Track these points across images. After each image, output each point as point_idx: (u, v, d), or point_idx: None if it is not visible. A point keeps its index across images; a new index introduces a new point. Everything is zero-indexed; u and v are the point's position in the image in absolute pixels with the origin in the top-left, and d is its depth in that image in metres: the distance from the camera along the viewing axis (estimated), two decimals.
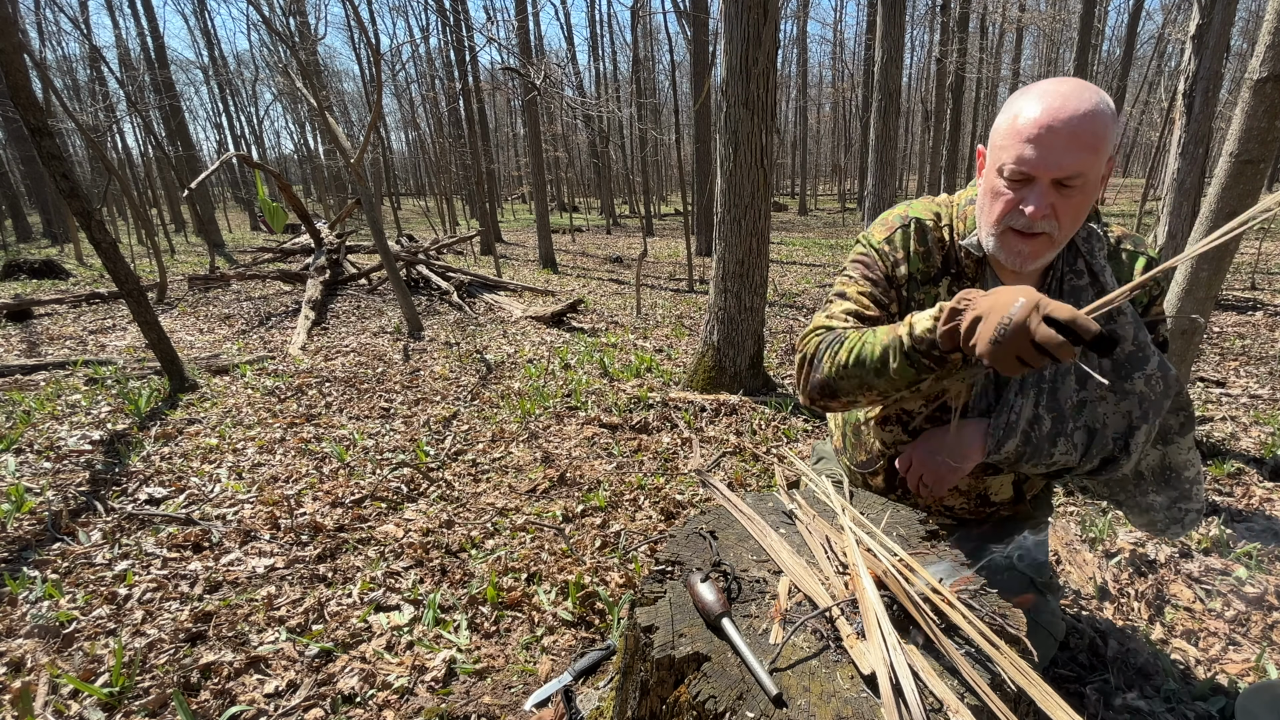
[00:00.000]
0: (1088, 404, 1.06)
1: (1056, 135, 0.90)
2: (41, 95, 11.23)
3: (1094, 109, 0.90)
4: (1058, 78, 0.96)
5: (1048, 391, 1.07)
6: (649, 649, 0.77)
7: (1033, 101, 0.93)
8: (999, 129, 0.98)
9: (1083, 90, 0.92)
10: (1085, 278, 1.05)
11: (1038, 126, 0.91)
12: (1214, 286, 2.53)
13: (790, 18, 25.61)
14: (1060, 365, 1.02)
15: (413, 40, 24.51)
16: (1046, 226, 0.95)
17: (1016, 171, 0.94)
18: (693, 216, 11.92)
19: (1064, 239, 0.98)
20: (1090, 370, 0.82)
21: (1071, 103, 0.90)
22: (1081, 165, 0.91)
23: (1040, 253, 0.98)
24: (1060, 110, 0.90)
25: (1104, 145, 0.91)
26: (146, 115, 14.05)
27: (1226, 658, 1.68)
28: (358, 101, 35.72)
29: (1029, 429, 1.06)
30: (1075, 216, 0.96)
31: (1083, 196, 0.94)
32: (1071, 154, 0.90)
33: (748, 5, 3.28)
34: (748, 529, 1.00)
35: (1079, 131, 0.90)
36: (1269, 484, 2.54)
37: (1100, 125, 0.90)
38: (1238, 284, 6.83)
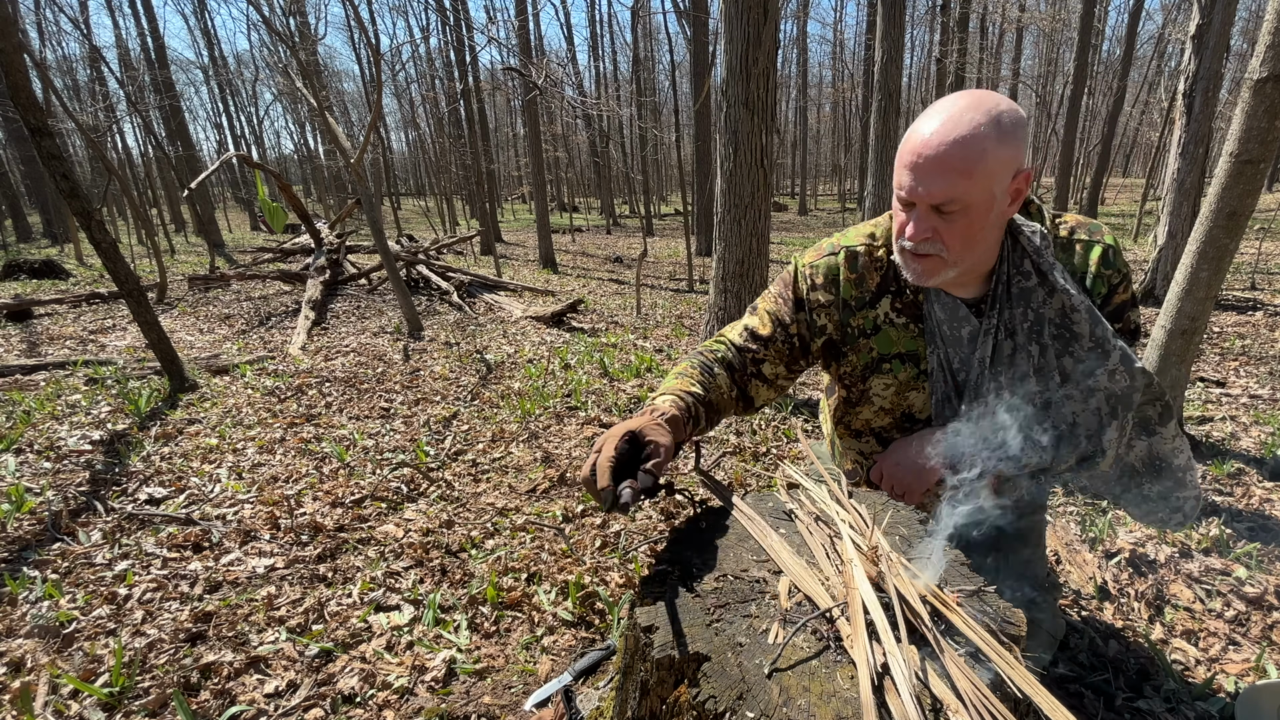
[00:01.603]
0: (1051, 405, 1.05)
1: (925, 163, 0.91)
2: (41, 95, 11.23)
3: (968, 134, 0.89)
4: (956, 94, 0.95)
5: (1008, 394, 1.06)
6: (649, 649, 0.77)
7: (918, 124, 0.94)
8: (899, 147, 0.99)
9: (965, 112, 0.91)
10: (1034, 278, 1.03)
11: (911, 154, 0.93)
12: (1214, 286, 2.53)
13: (790, 18, 25.62)
14: (1016, 370, 1.04)
15: (413, 40, 24.51)
16: (930, 249, 0.97)
17: (900, 196, 0.97)
18: (693, 216, 11.93)
19: (959, 260, 0.98)
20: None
21: (944, 128, 0.90)
22: (953, 192, 0.91)
23: (935, 270, 1.00)
24: (932, 138, 0.91)
25: (980, 169, 0.90)
26: (146, 115, 14.05)
27: (1226, 658, 1.68)
28: (358, 101, 35.73)
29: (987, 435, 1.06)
30: (966, 239, 0.96)
31: (967, 220, 0.94)
32: (940, 181, 0.91)
33: (748, 5, 3.28)
34: (748, 529, 1.00)
35: (946, 158, 0.90)
36: (1269, 484, 2.54)
37: (973, 150, 0.89)
38: (1238, 284, 6.83)
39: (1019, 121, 0.92)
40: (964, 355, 1.09)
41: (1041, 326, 1.04)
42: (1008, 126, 0.91)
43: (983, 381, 1.06)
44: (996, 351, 1.06)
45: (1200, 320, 2.59)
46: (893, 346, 1.13)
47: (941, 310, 1.08)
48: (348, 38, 34.39)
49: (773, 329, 1.20)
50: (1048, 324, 1.04)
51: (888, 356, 1.14)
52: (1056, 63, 27.26)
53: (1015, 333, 1.05)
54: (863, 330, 1.15)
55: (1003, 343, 1.06)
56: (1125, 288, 1.07)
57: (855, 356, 1.17)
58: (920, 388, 1.14)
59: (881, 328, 1.14)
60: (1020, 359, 1.05)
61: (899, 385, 1.15)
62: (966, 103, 0.92)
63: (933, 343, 1.10)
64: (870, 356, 1.15)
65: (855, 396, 1.22)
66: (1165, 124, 13.17)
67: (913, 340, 1.12)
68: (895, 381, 1.15)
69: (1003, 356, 1.06)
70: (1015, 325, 1.05)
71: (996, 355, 1.06)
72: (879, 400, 1.18)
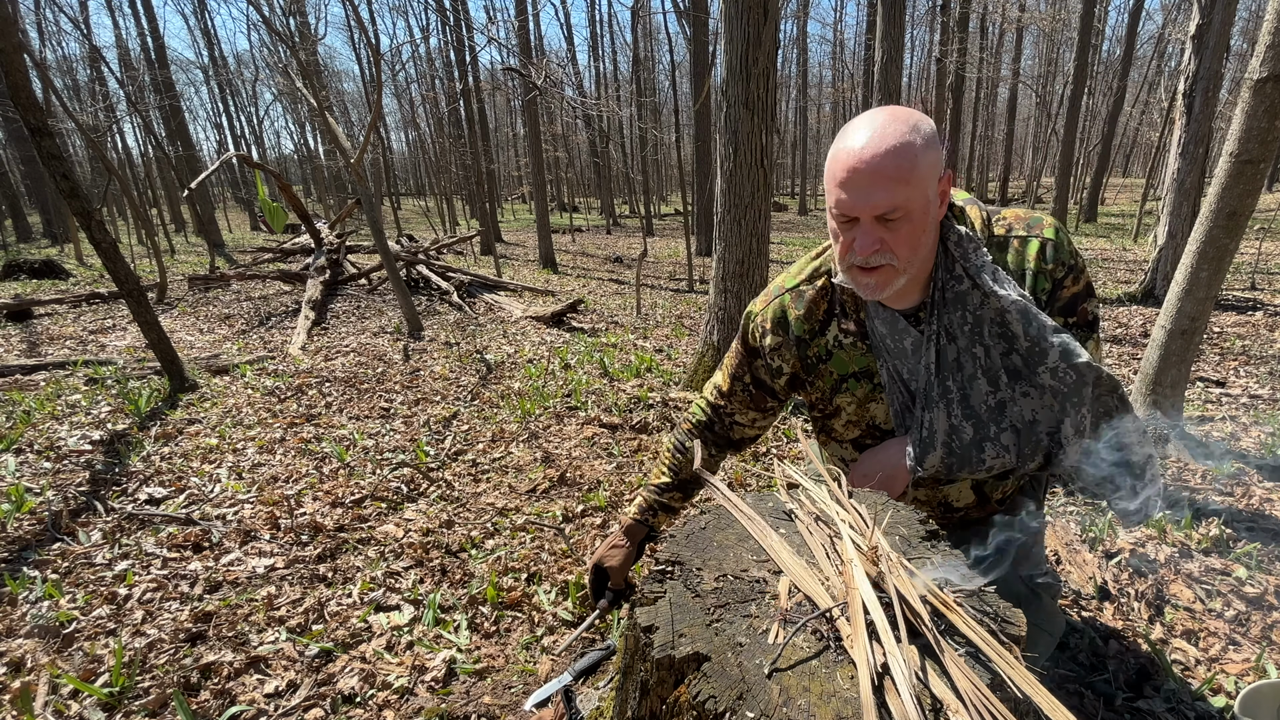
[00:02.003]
0: (1006, 404, 1.06)
1: (862, 175, 0.93)
2: (41, 95, 11.23)
3: (897, 143, 0.92)
4: (871, 111, 0.98)
5: (958, 400, 1.06)
6: (649, 649, 0.77)
7: (841, 143, 0.96)
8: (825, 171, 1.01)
9: (888, 124, 0.93)
10: (966, 282, 1.04)
11: (845, 170, 0.95)
12: (1214, 286, 2.53)
13: (790, 18, 25.63)
14: (963, 373, 1.07)
15: (413, 40, 24.52)
16: (881, 259, 0.98)
17: (839, 214, 0.99)
18: (693, 216, 11.93)
19: (908, 265, 1.00)
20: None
21: (874, 140, 0.93)
22: (894, 199, 0.93)
23: (886, 282, 1.01)
24: (863, 151, 0.93)
25: (915, 175, 0.93)
26: (146, 115, 14.05)
27: (1226, 658, 1.68)
28: (358, 101, 35.73)
29: (949, 440, 1.07)
30: (912, 244, 0.98)
31: (910, 225, 0.96)
32: (880, 190, 0.93)
33: (748, 5, 3.28)
34: (748, 529, 1.00)
35: (882, 168, 0.92)
36: (1269, 484, 2.54)
37: (906, 158, 0.92)
38: (1238, 284, 6.82)
39: (932, 128, 0.97)
40: (911, 365, 1.11)
41: (981, 328, 1.05)
42: (928, 133, 0.95)
43: (932, 387, 1.07)
44: (941, 357, 1.07)
45: (1200, 320, 2.59)
46: (847, 367, 1.18)
47: (882, 325, 1.11)
48: (348, 38, 34.39)
49: (732, 384, 1.35)
50: (988, 325, 1.04)
51: (845, 376, 1.19)
52: (1056, 63, 27.27)
53: (956, 337, 1.06)
54: (819, 357, 1.20)
55: (945, 347, 1.07)
56: (1075, 279, 1.06)
57: (820, 382, 1.22)
58: (879, 399, 1.17)
59: (834, 352, 1.19)
60: (966, 361, 1.06)
61: (859, 401, 1.20)
62: (885, 117, 0.95)
63: (881, 357, 1.13)
64: (831, 379, 1.20)
65: (827, 411, 1.27)
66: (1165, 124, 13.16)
67: (863, 357, 1.16)
68: (855, 398, 1.20)
69: (947, 361, 1.07)
70: (955, 330, 1.06)
71: (941, 360, 1.07)
72: (845, 414, 1.23)
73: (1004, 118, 25.81)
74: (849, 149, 0.94)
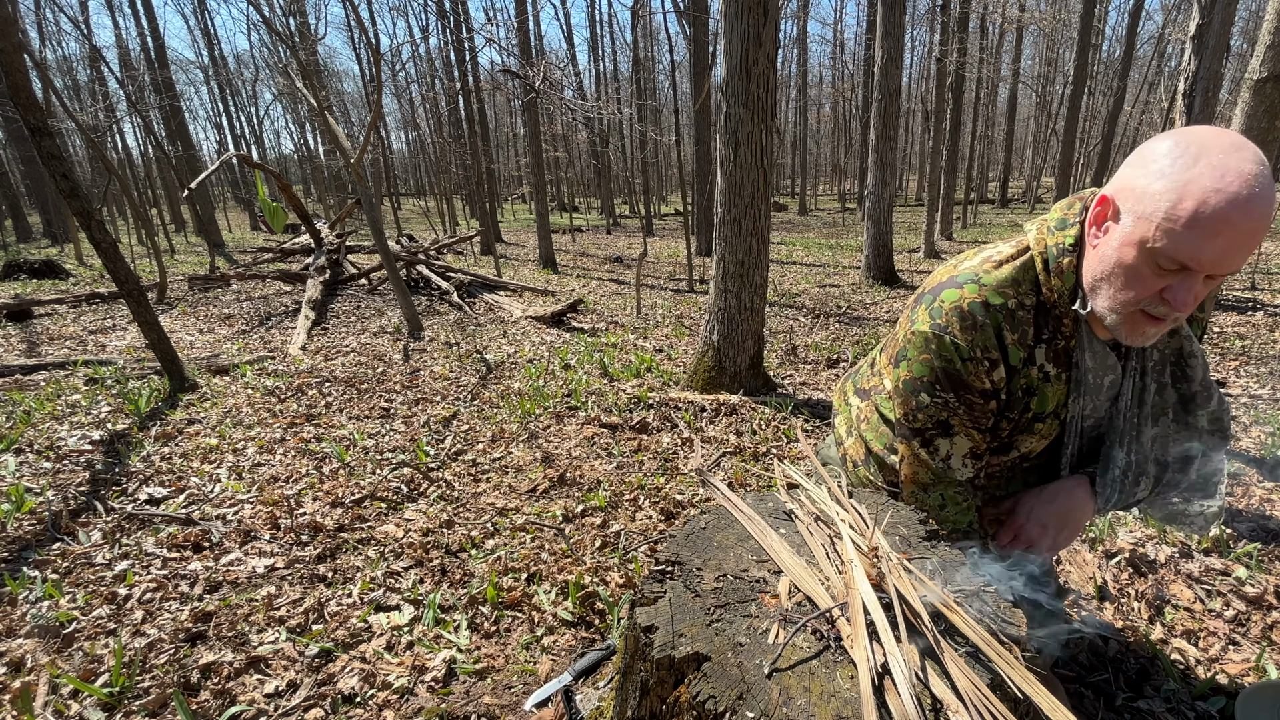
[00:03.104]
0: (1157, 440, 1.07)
1: (1239, 234, 0.76)
2: (41, 95, 11.23)
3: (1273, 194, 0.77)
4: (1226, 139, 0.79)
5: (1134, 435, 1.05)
6: (649, 649, 0.77)
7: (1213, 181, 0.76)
8: (1160, 205, 0.80)
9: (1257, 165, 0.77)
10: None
11: (1224, 221, 0.76)
12: None
13: (790, 18, 25.62)
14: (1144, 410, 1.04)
15: (413, 40, 24.50)
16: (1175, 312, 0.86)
17: (1175, 261, 0.81)
18: (693, 216, 11.93)
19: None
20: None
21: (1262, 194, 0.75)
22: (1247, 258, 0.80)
23: (1160, 332, 0.91)
24: (1249, 205, 0.75)
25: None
26: (146, 115, 14.05)
27: (1226, 658, 1.68)
28: (358, 101, 35.72)
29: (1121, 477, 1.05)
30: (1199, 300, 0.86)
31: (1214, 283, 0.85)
32: (1247, 252, 0.79)
33: (748, 5, 3.28)
34: (748, 529, 1.00)
35: (1260, 229, 0.77)
36: (1269, 484, 2.54)
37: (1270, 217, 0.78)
38: (1238, 284, 6.82)
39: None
40: (1096, 402, 1.04)
41: (1164, 366, 1.05)
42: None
43: (1127, 428, 1.05)
44: (1134, 393, 1.05)
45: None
46: (1048, 404, 1.02)
47: (1091, 359, 1.01)
48: (348, 38, 34.39)
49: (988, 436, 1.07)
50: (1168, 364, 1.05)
51: (1043, 416, 1.03)
52: (1056, 63, 27.26)
53: (1146, 373, 1.05)
54: (1027, 389, 1.02)
55: (1137, 384, 1.05)
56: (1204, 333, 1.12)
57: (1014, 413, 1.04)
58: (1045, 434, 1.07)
59: (1037, 385, 1.01)
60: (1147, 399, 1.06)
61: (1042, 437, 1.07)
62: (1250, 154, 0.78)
63: (1077, 391, 1.02)
64: (1025, 416, 1.04)
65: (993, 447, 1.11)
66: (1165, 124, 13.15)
67: (1062, 392, 1.03)
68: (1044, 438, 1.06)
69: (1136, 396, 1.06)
70: (1146, 366, 1.05)
71: (1134, 397, 1.06)
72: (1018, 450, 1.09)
73: (1004, 118, 25.80)
74: (1235, 197, 0.75)
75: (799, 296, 7.56)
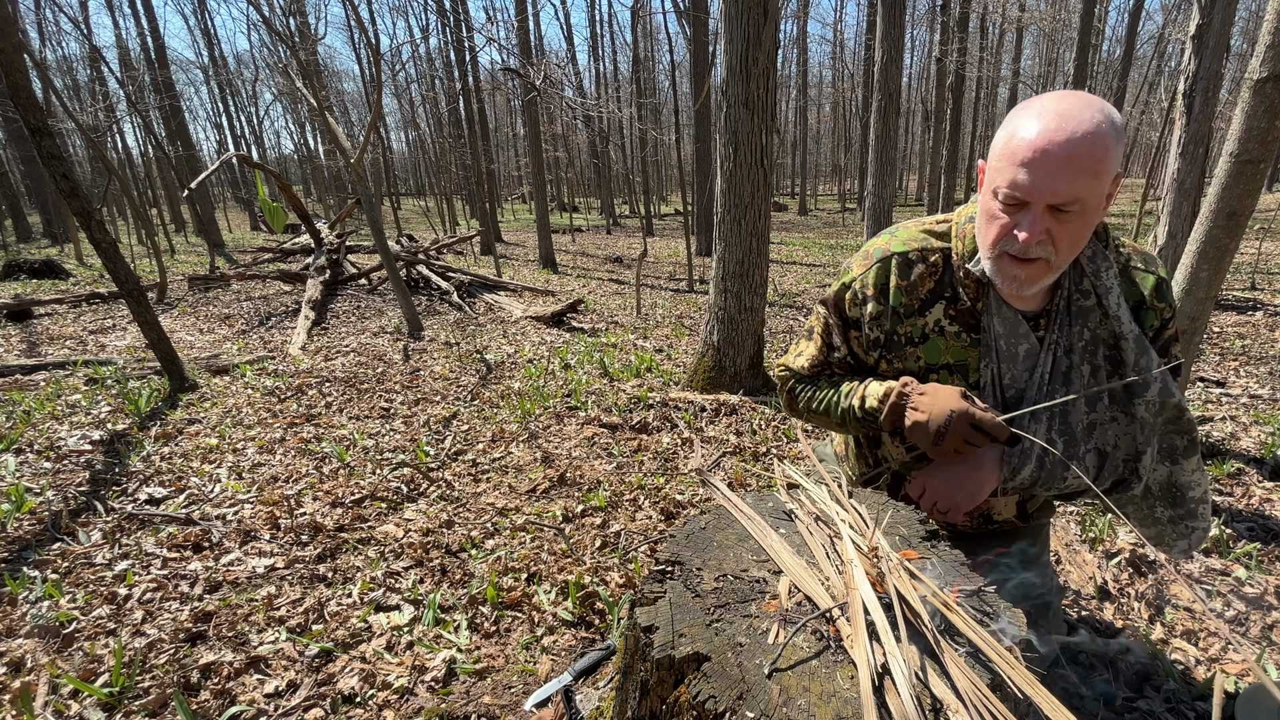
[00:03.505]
0: (1097, 426, 1.05)
1: (1052, 160, 0.85)
2: (41, 95, 11.23)
3: (1095, 130, 0.84)
4: (1060, 92, 0.90)
5: (1058, 415, 1.05)
6: (649, 649, 0.77)
7: (1030, 120, 0.88)
8: (995, 148, 0.93)
9: (1084, 108, 0.86)
10: (1091, 298, 1.02)
11: (1033, 150, 0.86)
12: (1214, 286, 2.53)
13: (790, 18, 25.63)
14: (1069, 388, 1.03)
15: (413, 40, 24.51)
16: (1041, 252, 0.92)
17: (1010, 196, 0.90)
18: (693, 216, 11.93)
19: (1063, 264, 0.95)
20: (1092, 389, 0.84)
21: (1070, 123, 0.85)
22: (1078, 190, 0.86)
23: (1036, 278, 0.96)
24: (1057, 132, 0.85)
25: (1105, 168, 0.86)
26: (146, 115, 14.05)
27: (1226, 658, 1.68)
28: (358, 101, 35.73)
29: (1042, 454, 1.04)
30: (1074, 242, 0.92)
31: (1081, 221, 0.90)
32: (1067, 179, 0.86)
33: (748, 5, 3.28)
34: (748, 529, 1.00)
35: (1076, 155, 0.85)
36: (1269, 484, 2.54)
37: (1101, 148, 0.85)
38: (1238, 284, 6.83)
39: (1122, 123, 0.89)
40: (1015, 372, 1.06)
41: (1096, 347, 1.04)
42: (1119, 125, 0.88)
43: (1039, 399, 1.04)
44: (1054, 369, 1.04)
45: (1200, 320, 2.59)
46: (941, 356, 1.09)
47: (1001, 324, 1.05)
48: (348, 38, 34.39)
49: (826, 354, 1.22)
50: (1102, 345, 1.04)
51: (935, 367, 1.09)
52: (1056, 63, 27.27)
53: (1072, 350, 1.04)
54: (909, 338, 1.10)
55: (1060, 359, 1.04)
56: (1173, 322, 1.07)
57: (900, 364, 1.12)
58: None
59: (930, 336, 1.09)
60: (1074, 378, 1.04)
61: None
62: (1081, 100, 0.87)
63: (987, 356, 1.06)
64: (917, 365, 1.10)
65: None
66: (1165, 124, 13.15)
67: (963, 351, 1.08)
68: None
69: (1059, 374, 1.05)
70: (1072, 343, 1.04)
71: (1054, 372, 1.04)
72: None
73: (1004, 117, 25.80)
74: (1044, 127, 0.86)
75: (799, 296, 7.56)
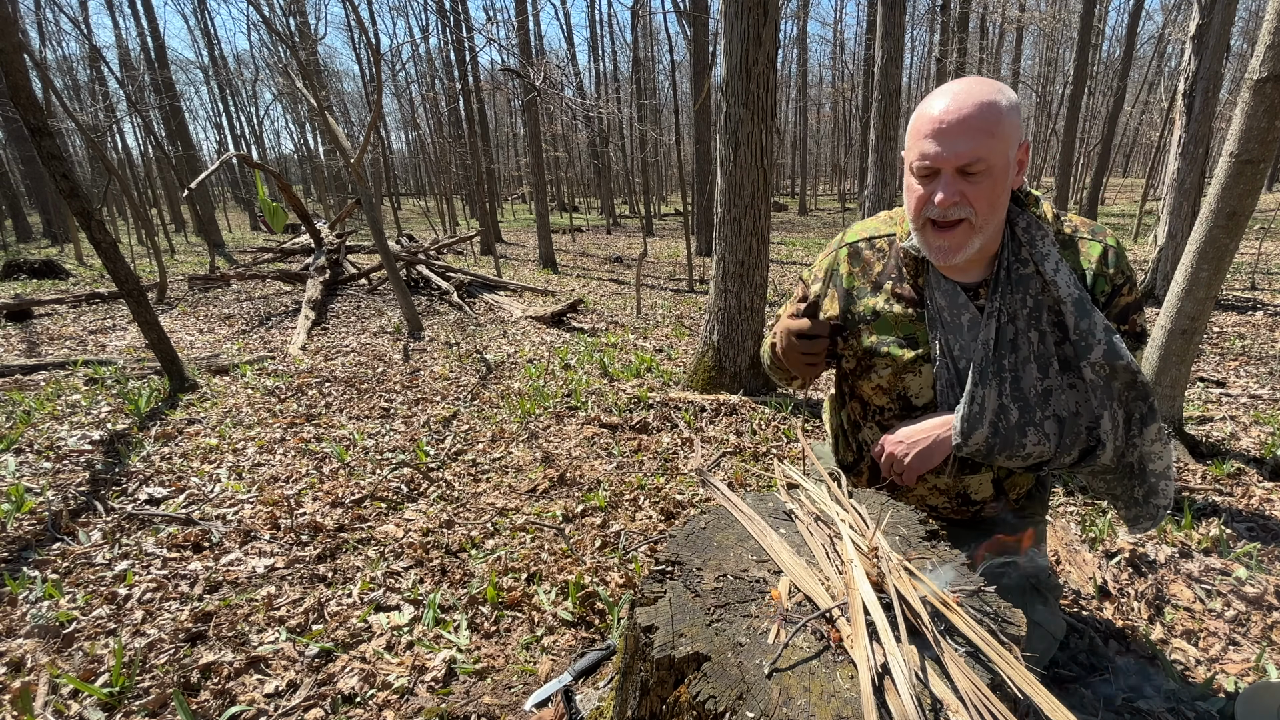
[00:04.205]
0: (1053, 392, 1.07)
1: (951, 126, 0.97)
2: (41, 95, 11.23)
3: (986, 100, 0.96)
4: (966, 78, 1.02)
5: (1010, 381, 1.08)
6: (649, 649, 0.77)
7: (931, 101, 1.01)
8: (908, 131, 1.05)
9: (976, 85, 0.98)
10: (1030, 266, 1.06)
11: (934, 122, 0.98)
12: (1214, 286, 2.53)
13: (790, 18, 25.61)
14: (1018, 354, 1.07)
15: (413, 40, 24.50)
16: (961, 212, 1.00)
17: (922, 167, 1.00)
18: (693, 216, 11.93)
19: (986, 224, 1.02)
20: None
21: (963, 97, 0.97)
22: (979, 150, 0.96)
23: (961, 243, 1.03)
24: (952, 104, 0.97)
25: (1000, 130, 0.96)
26: (146, 115, 14.05)
27: (1226, 658, 1.68)
28: (358, 101, 35.72)
29: (996, 419, 1.07)
30: (991, 201, 1.00)
31: (991, 181, 0.99)
32: (966, 140, 0.96)
33: (748, 5, 3.28)
34: (748, 529, 1.00)
35: (970, 118, 0.96)
36: (1269, 484, 2.54)
37: (994, 113, 0.96)
38: (1238, 284, 6.82)
39: (1017, 99, 1.01)
40: (964, 342, 1.11)
41: (1040, 313, 1.07)
42: (1012, 98, 0.99)
43: (987, 365, 1.08)
44: (1000, 335, 1.08)
45: (1200, 320, 2.59)
46: (891, 332, 1.18)
47: (942, 297, 1.12)
48: (348, 38, 34.38)
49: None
50: (1046, 312, 1.06)
51: (886, 342, 1.19)
52: (1056, 63, 27.26)
53: (1016, 318, 1.07)
54: (862, 318, 1.21)
55: (1005, 326, 1.08)
56: (1130, 290, 1.09)
57: (856, 341, 1.23)
58: (917, 371, 1.17)
59: (881, 314, 1.19)
60: (1021, 344, 1.07)
61: (896, 369, 1.19)
62: (975, 80, 1.00)
63: (934, 329, 1.13)
64: (871, 340, 1.20)
65: (858, 371, 1.27)
66: (1165, 124, 13.16)
67: (910, 325, 1.16)
68: (893, 365, 1.19)
69: (1005, 340, 1.08)
70: (1015, 311, 1.07)
71: (1000, 339, 1.08)
72: (877, 379, 1.23)
73: None
74: (938, 104, 0.99)
75: None
